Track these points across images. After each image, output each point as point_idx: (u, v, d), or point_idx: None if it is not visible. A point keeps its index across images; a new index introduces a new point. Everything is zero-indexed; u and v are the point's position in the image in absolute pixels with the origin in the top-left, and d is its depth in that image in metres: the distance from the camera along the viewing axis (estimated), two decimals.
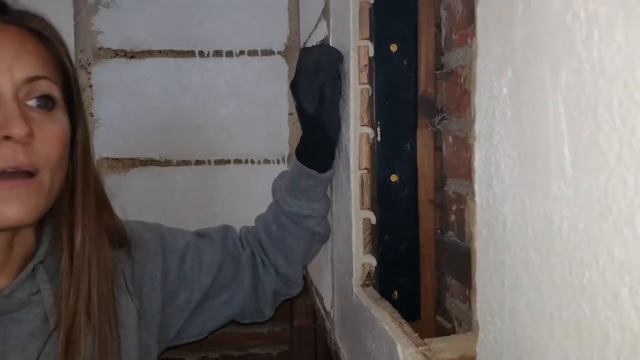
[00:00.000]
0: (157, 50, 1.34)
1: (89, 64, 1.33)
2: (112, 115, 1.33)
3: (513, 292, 0.30)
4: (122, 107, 1.34)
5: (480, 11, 0.34)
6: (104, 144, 1.33)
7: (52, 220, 0.73)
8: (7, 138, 0.62)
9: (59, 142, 0.68)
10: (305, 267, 1.37)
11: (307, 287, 1.36)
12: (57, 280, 0.71)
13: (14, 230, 0.68)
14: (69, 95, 0.71)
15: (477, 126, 0.34)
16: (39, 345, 0.69)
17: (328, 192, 0.95)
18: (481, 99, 0.33)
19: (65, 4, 1.31)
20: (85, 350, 0.69)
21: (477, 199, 0.34)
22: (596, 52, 0.22)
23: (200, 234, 0.94)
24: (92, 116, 1.33)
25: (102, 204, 0.77)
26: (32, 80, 0.65)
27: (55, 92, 0.68)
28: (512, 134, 0.30)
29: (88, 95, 1.33)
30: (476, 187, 0.34)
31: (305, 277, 1.38)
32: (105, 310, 0.73)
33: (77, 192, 0.72)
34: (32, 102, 0.66)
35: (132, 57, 1.34)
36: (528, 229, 0.28)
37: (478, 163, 0.33)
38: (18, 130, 0.62)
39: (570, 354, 0.24)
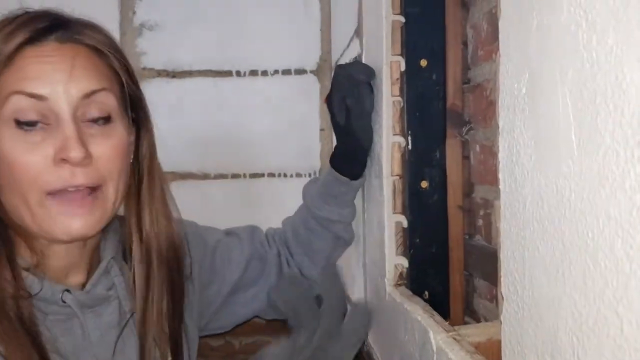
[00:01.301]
0: (197, 71, 1.43)
1: None
2: (154, 131, 1.41)
3: (532, 261, 0.35)
4: (163, 124, 1.40)
5: (502, 25, 0.40)
6: None
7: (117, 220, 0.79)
8: (64, 160, 0.65)
9: (118, 155, 0.70)
10: None
11: None
12: (126, 272, 0.76)
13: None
14: (127, 102, 0.74)
15: (501, 122, 0.39)
16: (116, 334, 0.74)
17: (359, 201, 1.00)
18: (504, 99, 0.39)
19: (111, 27, 1.40)
20: (155, 335, 0.74)
21: (501, 186, 0.39)
22: (594, 54, 0.28)
23: (229, 232, 0.99)
24: None
25: (165, 195, 0.81)
26: (89, 95, 0.67)
27: (112, 102, 0.70)
28: (530, 126, 0.35)
29: None
30: (500, 175, 0.40)
31: None
32: (175, 295, 0.78)
33: (143, 185, 0.76)
34: (90, 118, 0.68)
35: (173, 76, 1.42)
36: (544, 204, 0.33)
37: (502, 154, 0.39)
38: (75, 154, 0.64)
39: (578, 302, 0.30)
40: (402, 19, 0.80)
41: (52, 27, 0.68)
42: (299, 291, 0.75)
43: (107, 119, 0.70)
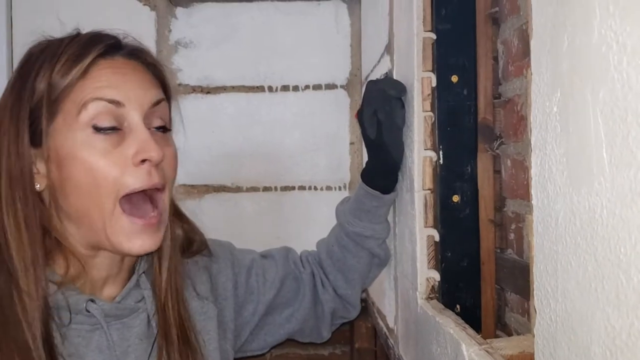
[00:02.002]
0: (231, 86, 1.46)
1: None
2: (189, 145, 1.45)
3: (564, 275, 0.36)
4: (198, 138, 1.45)
5: (533, 45, 0.41)
6: (181, 171, 1.44)
7: None
8: (143, 161, 0.69)
9: (176, 162, 0.76)
10: (365, 290, 1.43)
11: (368, 310, 1.41)
12: (155, 285, 0.78)
13: None
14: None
15: (533, 139, 0.40)
16: (147, 348, 0.76)
17: (390, 216, 1.01)
18: (536, 117, 0.40)
19: (148, 44, 1.44)
20: (176, 354, 0.76)
21: (534, 201, 0.40)
22: (625, 74, 0.29)
23: (263, 255, 1.01)
24: None
25: (178, 212, 0.85)
26: (155, 104, 0.73)
27: (167, 114, 0.77)
28: (561, 143, 0.36)
29: None
30: (533, 191, 0.40)
31: (366, 300, 1.44)
32: (187, 314, 0.80)
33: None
34: (154, 126, 0.73)
35: (208, 92, 1.46)
36: (576, 220, 0.34)
37: (534, 170, 0.40)
38: (155, 153, 0.69)
39: (611, 316, 0.30)
40: (433, 36, 0.81)
41: (119, 44, 0.75)
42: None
43: (164, 129, 0.75)
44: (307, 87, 1.48)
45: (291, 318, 0.98)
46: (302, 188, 1.48)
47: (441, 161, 0.82)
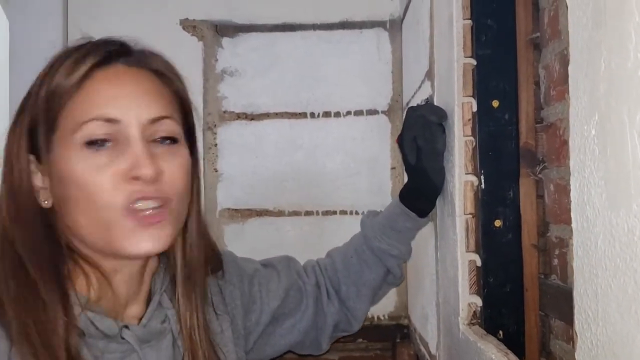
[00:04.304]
0: (274, 113, 1.50)
1: (215, 125, 1.51)
2: (234, 170, 1.49)
3: (604, 298, 0.36)
4: (242, 163, 1.49)
5: (571, 69, 0.41)
6: (226, 196, 1.49)
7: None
8: (136, 178, 0.66)
9: (184, 174, 0.72)
10: (407, 316, 1.42)
11: (410, 336, 1.40)
12: (176, 305, 0.76)
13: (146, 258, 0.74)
14: (189, 130, 0.76)
15: (572, 163, 0.41)
16: None
17: (432, 239, 1.01)
18: (575, 140, 0.40)
19: (195, 73, 1.50)
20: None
21: (574, 224, 0.40)
22: None
23: (265, 264, 0.98)
24: (216, 171, 1.49)
25: (205, 230, 0.82)
26: (156, 120, 0.69)
27: (177, 129, 0.72)
28: (600, 167, 0.36)
29: (213, 153, 1.50)
30: (572, 214, 0.41)
31: (408, 326, 1.42)
32: (210, 331, 0.78)
33: (191, 218, 0.77)
34: (158, 137, 0.70)
35: (252, 119, 1.50)
36: (615, 242, 0.34)
37: (573, 194, 0.40)
38: (147, 171, 0.66)
39: None
40: (473, 62, 0.82)
41: (119, 51, 0.71)
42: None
43: (173, 140, 0.72)
44: (348, 113, 1.50)
45: (293, 329, 0.96)
46: (343, 212, 1.49)
47: (483, 186, 0.82)
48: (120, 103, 0.68)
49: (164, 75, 0.73)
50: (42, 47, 1.45)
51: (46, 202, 0.70)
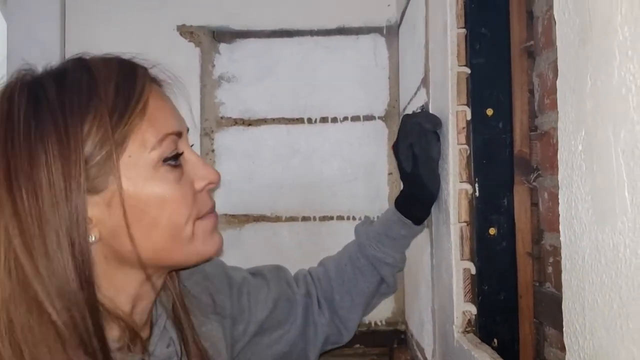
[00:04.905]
0: (271, 119, 1.50)
1: (212, 131, 1.51)
2: (231, 176, 1.49)
3: (591, 312, 0.36)
4: (239, 169, 1.49)
5: (559, 83, 0.42)
6: (223, 201, 1.49)
7: None
8: (211, 184, 0.70)
9: None
10: (405, 322, 1.42)
11: (407, 341, 1.40)
12: (180, 326, 0.75)
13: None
14: None
15: (560, 177, 0.41)
16: None
17: (428, 248, 1.01)
18: (562, 155, 0.40)
19: (192, 78, 1.51)
20: None
21: (562, 238, 0.40)
22: None
23: (254, 273, 0.97)
24: None
25: None
26: (187, 130, 0.72)
27: None
28: (586, 182, 0.37)
29: (210, 159, 1.50)
30: (561, 227, 0.41)
31: (405, 332, 1.43)
32: (204, 344, 0.77)
33: None
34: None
35: (249, 125, 1.50)
36: (601, 258, 0.34)
37: (562, 207, 0.40)
38: (217, 176, 0.70)
39: (637, 356, 0.30)
40: (468, 70, 0.82)
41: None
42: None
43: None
44: (345, 118, 1.50)
45: (281, 340, 0.94)
46: (340, 218, 1.50)
47: (477, 194, 0.83)
48: (177, 116, 0.69)
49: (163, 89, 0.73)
50: (40, 49, 1.46)
51: (94, 237, 0.63)
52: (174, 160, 0.66)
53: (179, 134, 0.67)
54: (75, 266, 0.59)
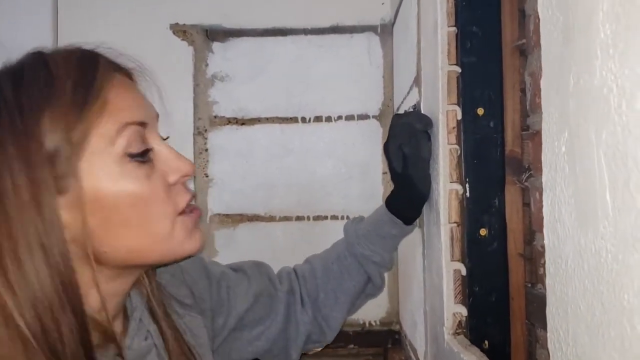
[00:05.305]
0: (265, 118, 1.49)
1: (206, 130, 1.50)
2: (224, 175, 1.48)
3: (574, 318, 0.35)
4: (233, 168, 1.48)
5: (543, 83, 0.41)
6: (217, 201, 1.48)
7: None
8: (184, 177, 0.66)
9: None
10: (399, 322, 1.41)
11: (401, 341, 1.39)
12: (157, 319, 0.72)
13: None
14: None
15: (544, 179, 0.40)
16: None
17: (420, 248, 1.00)
18: (546, 156, 0.39)
19: (185, 78, 1.50)
20: None
21: (546, 241, 0.39)
22: (625, 118, 0.29)
23: (234, 268, 0.94)
24: (206, 176, 1.49)
25: None
26: (157, 118, 0.68)
27: None
28: (570, 184, 0.36)
29: (204, 158, 1.49)
30: (545, 231, 0.40)
31: (399, 332, 1.42)
32: (184, 335, 0.74)
33: None
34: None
35: (242, 124, 1.49)
36: (584, 263, 0.33)
37: (545, 210, 0.39)
38: (191, 166, 0.66)
39: None
40: (458, 69, 0.81)
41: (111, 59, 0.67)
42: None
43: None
44: (339, 117, 1.49)
45: (261, 336, 0.92)
46: (334, 217, 1.49)
47: (468, 194, 0.82)
48: (141, 106, 0.64)
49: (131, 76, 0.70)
50: (32, 47, 1.44)
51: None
52: (142, 157, 0.62)
53: (142, 124, 0.63)
54: (51, 273, 0.56)
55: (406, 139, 0.89)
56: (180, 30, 1.50)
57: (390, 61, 1.47)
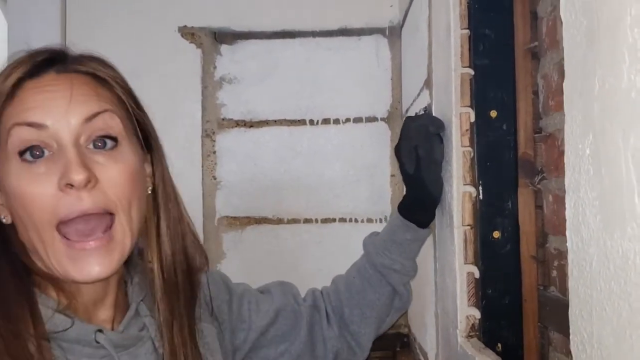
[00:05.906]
0: (273, 120, 1.49)
1: (214, 132, 1.50)
2: (232, 177, 1.48)
3: (599, 320, 0.35)
4: (241, 171, 1.48)
5: (566, 86, 0.41)
6: (224, 203, 1.48)
7: (136, 250, 0.75)
8: (70, 186, 0.63)
9: (128, 180, 0.67)
10: (407, 325, 1.41)
11: (410, 344, 1.39)
12: (154, 311, 0.73)
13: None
14: (135, 126, 0.72)
15: (567, 181, 0.40)
16: None
17: (431, 251, 1.00)
18: (569, 159, 0.40)
19: (194, 81, 1.50)
20: None
21: (569, 243, 0.39)
22: None
23: (260, 290, 0.96)
24: (214, 179, 1.49)
25: (184, 228, 0.77)
26: (90, 119, 0.66)
27: (117, 123, 0.68)
28: (594, 187, 0.36)
29: (212, 161, 1.49)
30: (567, 233, 0.40)
31: (408, 335, 1.42)
32: (194, 338, 0.75)
33: (161, 215, 0.74)
34: (94, 145, 0.67)
35: (250, 126, 1.49)
36: (610, 265, 0.34)
37: (568, 213, 0.40)
38: (76, 175, 0.62)
39: None
40: (471, 72, 0.81)
41: (51, 60, 0.69)
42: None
43: (114, 141, 0.68)
44: (347, 120, 1.49)
45: (285, 353, 0.92)
46: (342, 220, 1.49)
47: (481, 196, 0.82)
48: (47, 108, 0.65)
49: (98, 77, 0.70)
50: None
51: (5, 219, 0.69)
52: (30, 154, 0.64)
53: (35, 125, 0.64)
54: None
55: (421, 142, 0.89)
56: (188, 33, 1.50)
57: (398, 63, 1.47)
